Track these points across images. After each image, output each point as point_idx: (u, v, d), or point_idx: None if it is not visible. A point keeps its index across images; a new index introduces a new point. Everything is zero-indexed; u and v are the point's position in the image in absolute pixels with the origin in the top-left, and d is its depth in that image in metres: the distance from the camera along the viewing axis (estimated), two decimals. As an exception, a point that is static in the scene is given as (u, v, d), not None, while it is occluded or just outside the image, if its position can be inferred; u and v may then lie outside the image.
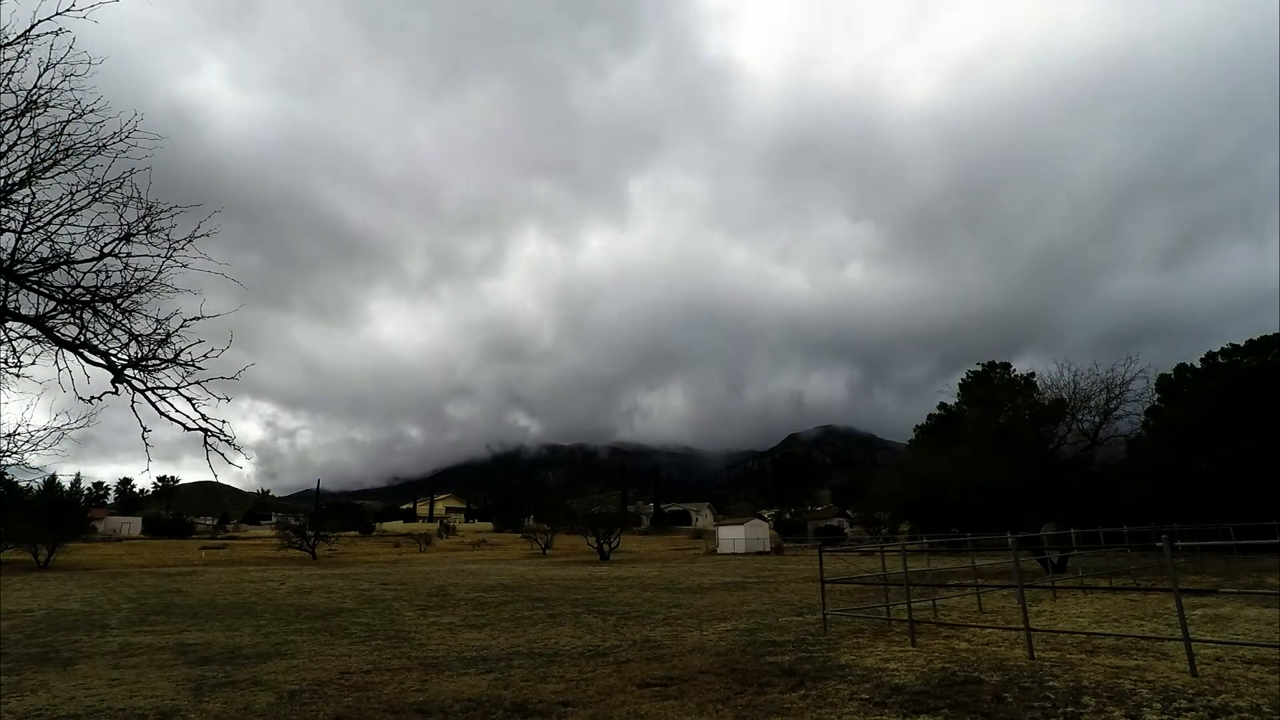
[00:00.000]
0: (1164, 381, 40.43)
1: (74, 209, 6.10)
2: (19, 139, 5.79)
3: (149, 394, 6.51)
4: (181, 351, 6.49)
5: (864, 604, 15.78)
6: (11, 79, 5.65)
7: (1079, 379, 27.22)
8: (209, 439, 6.75)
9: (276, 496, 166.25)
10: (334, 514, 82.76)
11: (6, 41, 5.63)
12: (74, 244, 6.20)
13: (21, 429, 7.24)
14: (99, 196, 6.13)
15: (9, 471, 8.09)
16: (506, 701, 7.54)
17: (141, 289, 6.40)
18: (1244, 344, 39.41)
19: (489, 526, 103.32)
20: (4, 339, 6.07)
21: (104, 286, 6.29)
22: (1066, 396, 27.44)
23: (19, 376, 6.27)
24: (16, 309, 6.05)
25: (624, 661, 9.79)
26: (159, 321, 6.48)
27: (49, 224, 6.06)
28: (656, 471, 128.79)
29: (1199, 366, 40.61)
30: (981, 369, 45.01)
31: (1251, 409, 33.37)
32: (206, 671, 9.70)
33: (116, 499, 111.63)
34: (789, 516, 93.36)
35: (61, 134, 5.91)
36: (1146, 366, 27.38)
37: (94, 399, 6.49)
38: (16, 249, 5.94)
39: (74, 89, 5.80)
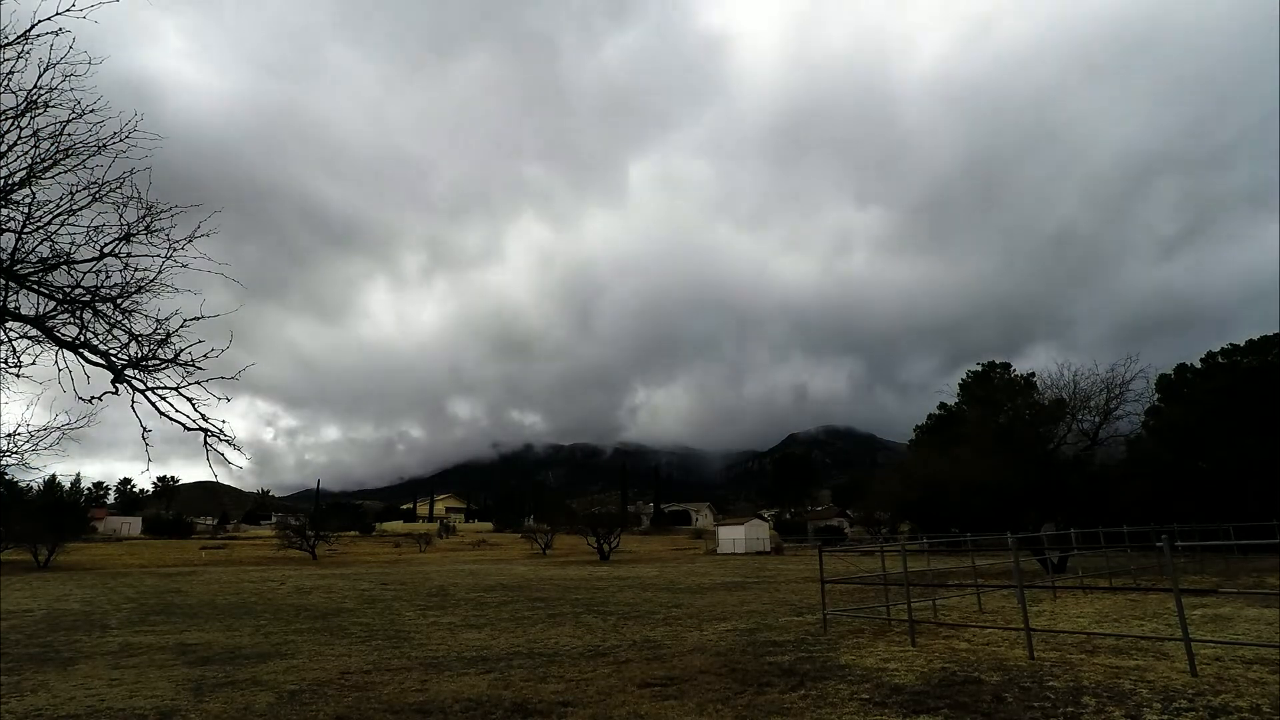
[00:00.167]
0: (1164, 381, 40.44)
1: (74, 209, 6.10)
2: (19, 139, 5.79)
3: (149, 394, 6.51)
4: (181, 351, 6.49)
5: (864, 604, 15.78)
6: (11, 79, 5.66)
7: (1079, 379, 27.29)
8: (209, 439, 6.75)
9: (276, 496, 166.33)
10: (334, 514, 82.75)
11: (6, 41, 5.64)
12: (74, 244, 6.21)
13: (21, 429, 7.25)
14: (99, 196, 6.13)
15: (9, 471, 8.09)
16: (506, 701, 7.54)
17: (141, 289, 6.40)
18: (1244, 344, 39.43)
19: (489, 526, 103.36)
20: (4, 339, 6.07)
21: (104, 286, 6.29)
22: (1066, 396, 27.47)
23: (19, 376, 6.27)
24: (16, 309, 6.05)
25: (624, 661, 9.79)
26: (159, 321, 6.49)
27: (49, 224, 6.06)
28: (656, 471, 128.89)
29: (1199, 366, 40.63)
30: (981, 369, 45.05)
31: (1251, 409, 33.37)
32: (206, 671, 9.70)
33: (116, 499, 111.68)
34: (789, 516, 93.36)
35: (61, 134, 5.91)
36: (1146, 366, 27.47)
37: (94, 399, 6.49)
38: (16, 249, 5.94)
39: (74, 89, 5.81)
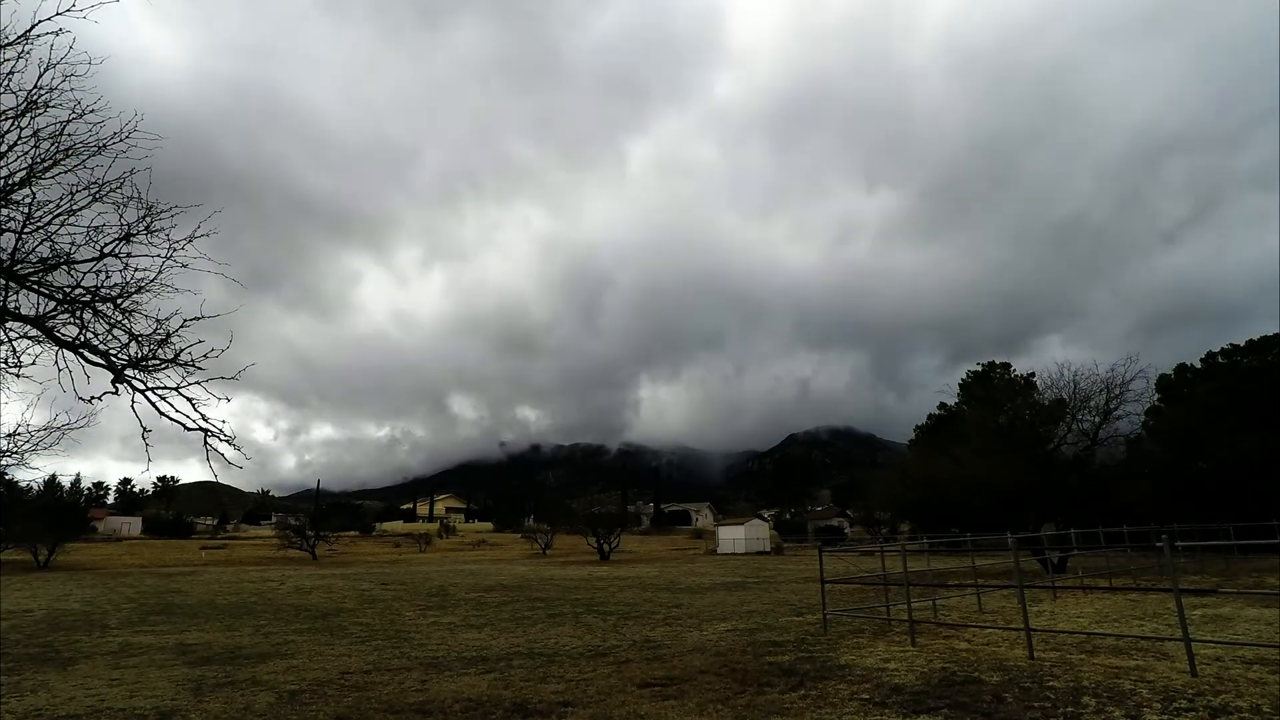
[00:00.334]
0: (1164, 381, 40.46)
1: (74, 209, 6.10)
2: (19, 139, 5.79)
3: (149, 394, 6.50)
4: (181, 351, 6.48)
5: (864, 604, 15.78)
6: (11, 79, 5.66)
7: (1079, 379, 27.29)
8: (209, 439, 6.75)
9: (276, 496, 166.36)
10: (334, 514, 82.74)
11: (6, 42, 5.64)
12: (74, 244, 6.20)
13: (21, 429, 7.25)
14: (99, 196, 6.13)
15: (9, 471, 8.10)
16: (506, 701, 7.54)
17: (141, 289, 6.39)
18: (1244, 344, 39.45)
19: (489, 526, 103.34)
20: (4, 339, 6.07)
21: (104, 286, 6.28)
22: (1066, 396, 27.47)
23: (19, 376, 6.27)
24: (16, 309, 6.05)
25: (624, 661, 9.79)
26: (159, 321, 6.48)
27: (49, 224, 6.06)
28: (657, 471, 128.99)
29: (1199, 366, 40.64)
30: (981, 369, 45.09)
31: (1251, 409, 33.37)
32: (206, 671, 9.70)
33: (116, 499, 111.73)
34: (789, 516, 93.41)
35: (61, 134, 5.91)
36: (1146, 366, 27.46)
37: (94, 399, 6.49)
38: (16, 249, 5.94)
39: (74, 89, 5.81)
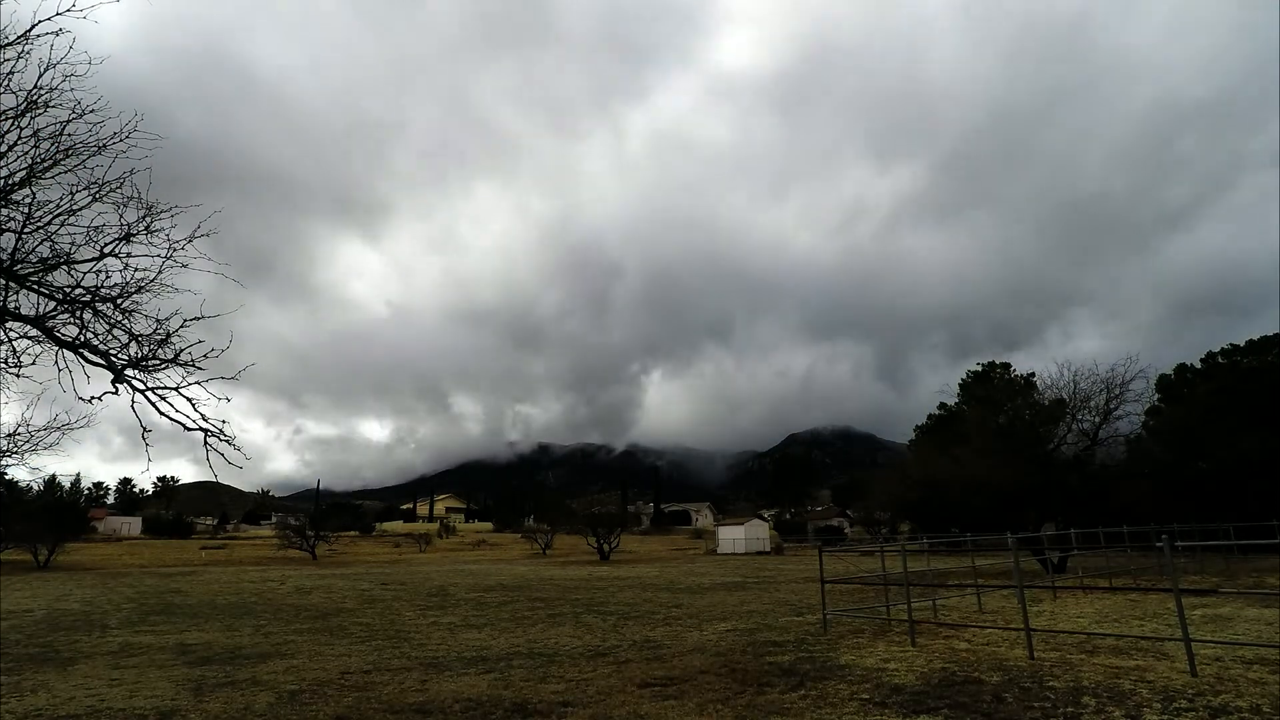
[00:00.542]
0: (1164, 381, 40.47)
1: (74, 209, 6.10)
2: (19, 139, 5.78)
3: (149, 394, 6.50)
4: (182, 351, 6.48)
5: (864, 604, 15.78)
6: (11, 79, 5.66)
7: (1079, 379, 27.29)
8: (209, 439, 6.75)
9: (276, 496, 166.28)
10: (334, 514, 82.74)
11: (6, 42, 5.64)
12: (74, 244, 6.20)
13: (21, 429, 7.26)
14: (99, 196, 6.13)
15: (9, 471, 8.12)
16: (506, 701, 7.54)
17: (141, 289, 6.39)
18: (1244, 344, 39.45)
19: (489, 526, 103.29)
20: (4, 339, 6.07)
21: (104, 286, 6.28)
22: (1066, 396, 27.48)
23: (19, 376, 6.27)
24: (16, 309, 6.05)
25: (624, 661, 9.79)
26: (159, 321, 6.48)
27: (49, 224, 6.06)
28: (657, 471, 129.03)
29: (1199, 366, 40.66)
30: (981, 369, 45.09)
31: (1251, 409, 33.37)
32: (206, 671, 9.70)
33: (116, 499, 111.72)
34: (789, 516, 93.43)
35: (61, 134, 5.91)
36: (1146, 366, 27.47)
37: (94, 399, 6.49)
38: (16, 249, 5.94)
39: (74, 89, 5.81)
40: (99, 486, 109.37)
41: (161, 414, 6.55)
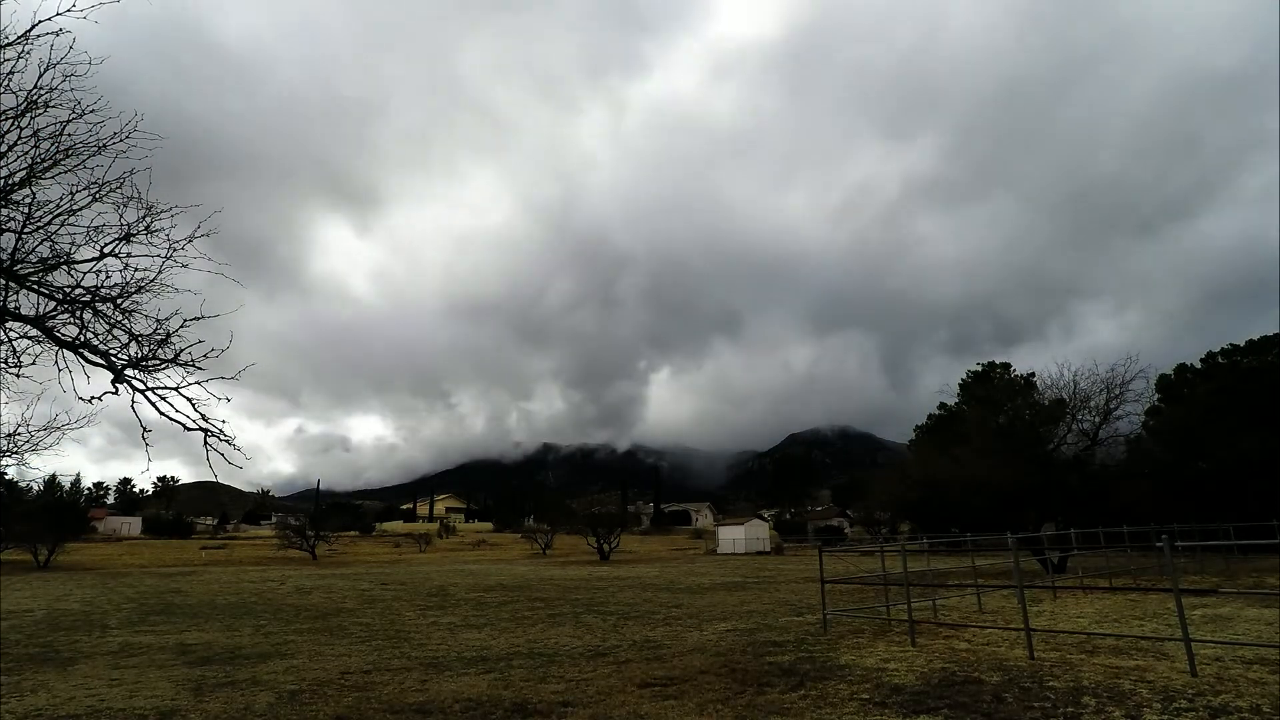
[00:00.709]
0: (1164, 381, 40.46)
1: (74, 209, 6.10)
2: (19, 139, 5.78)
3: (149, 394, 6.50)
4: (182, 351, 6.48)
5: (864, 604, 15.78)
6: (11, 79, 5.66)
7: (1079, 379, 27.32)
8: (209, 439, 6.75)
9: (276, 496, 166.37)
10: (333, 514, 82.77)
11: (6, 42, 5.63)
12: (74, 244, 6.20)
13: (21, 429, 7.26)
14: (99, 196, 6.13)
15: (9, 471, 8.13)
16: (506, 701, 7.54)
17: (141, 289, 6.39)
18: (1244, 344, 39.45)
19: (489, 526, 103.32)
20: (4, 339, 6.07)
21: (104, 286, 6.28)
22: (1066, 396, 27.49)
23: (19, 376, 6.27)
24: (16, 309, 6.05)
25: (624, 661, 9.79)
26: (159, 321, 6.48)
27: (49, 224, 6.06)
28: (657, 471, 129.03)
29: (1199, 366, 40.65)
30: (981, 369, 45.09)
31: (1251, 409, 33.37)
32: (206, 671, 9.70)
33: (116, 499, 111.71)
34: (789, 516, 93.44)
35: (61, 134, 5.91)
36: (1146, 366, 27.49)
37: (94, 399, 6.49)
38: (16, 249, 5.94)
39: (74, 89, 5.81)
40: (99, 486, 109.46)
41: (161, 414, 6.56)
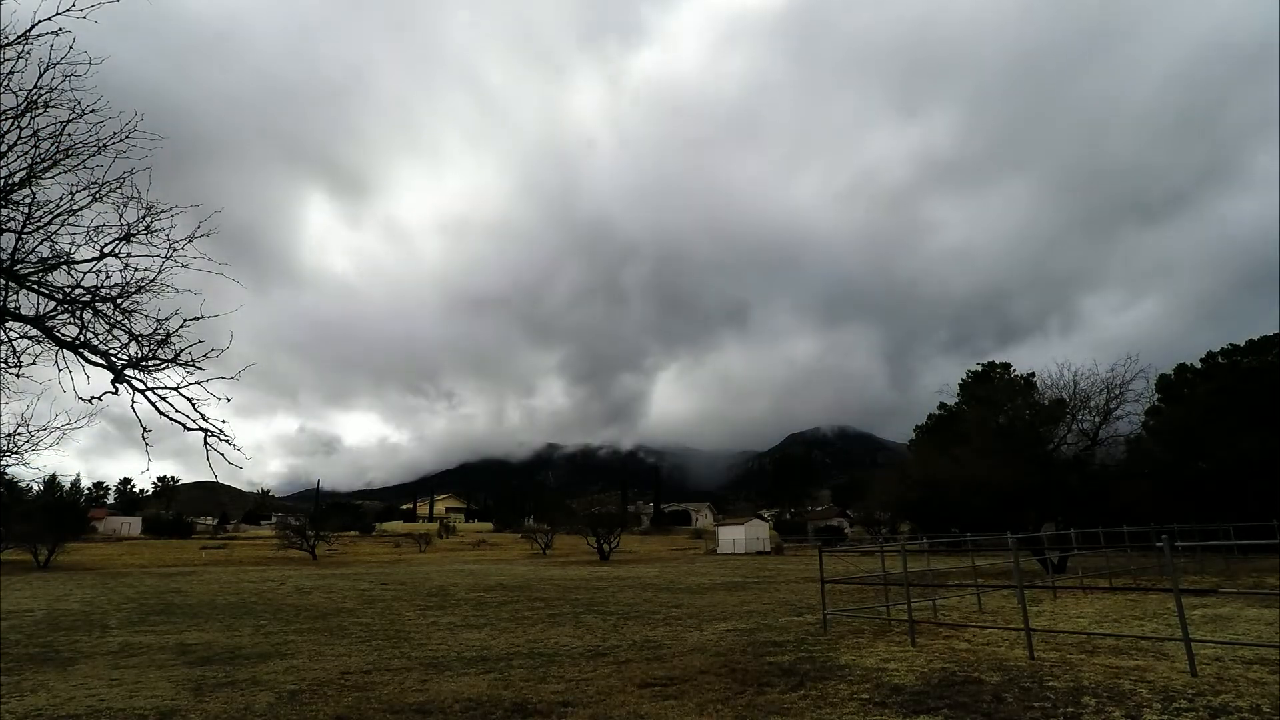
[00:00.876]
0: (1164, 381, 40.46)
1: (74, 209, 6.10)
2: (19, 139, 5.79)
3: (149, 394, 6.50)
4: (182, 351, 6.49)
5: (864, 604, 15.78)
6: (11, 79, 5.66)
7: (1079, 379, 27.31)
8: (209, 439, 6.75)
9: (276, 496, 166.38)
10: (333, 514, 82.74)
11: (6, 42, 5.63)
12: (74, 244, 6.21)
13: (21, 429, 7.26)
14: (99, 196, 6.13)
15: (9, 471, 8.12)
16: (506, 701, 7.54)
17: (141, 289, 6.39)
18: (1244, 344, 39.44)
19: (489, 526, 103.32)
20: (4, 339, 6.07)
21: (104, 286, 6.29)
22: (1066, 397, 27.48)
23: (19, 376, 6.28)
24: (16, 309, 6.05)
25: (624, 661, 9.79)
26: (159, 321, 6.48)
27: (49, 224, 6.06)
28: (657, 471, 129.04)
29: (1199, 366, 40.65)
30: (981, 369, 45.10)
31: (1251, 409, 33.37)
32: (206, 671, 9.70)
33: (116, 499, 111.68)
34: (789, 516, 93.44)
35: (61, 134, 5.91)
36: (1146, 366, 27.47)
37: (94, 399, 6.49)
38: (16, 249, 5.94)
39: (74, 89, 5.81)
40: (99, 486, 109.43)
41: (162, 414, 6.56)
